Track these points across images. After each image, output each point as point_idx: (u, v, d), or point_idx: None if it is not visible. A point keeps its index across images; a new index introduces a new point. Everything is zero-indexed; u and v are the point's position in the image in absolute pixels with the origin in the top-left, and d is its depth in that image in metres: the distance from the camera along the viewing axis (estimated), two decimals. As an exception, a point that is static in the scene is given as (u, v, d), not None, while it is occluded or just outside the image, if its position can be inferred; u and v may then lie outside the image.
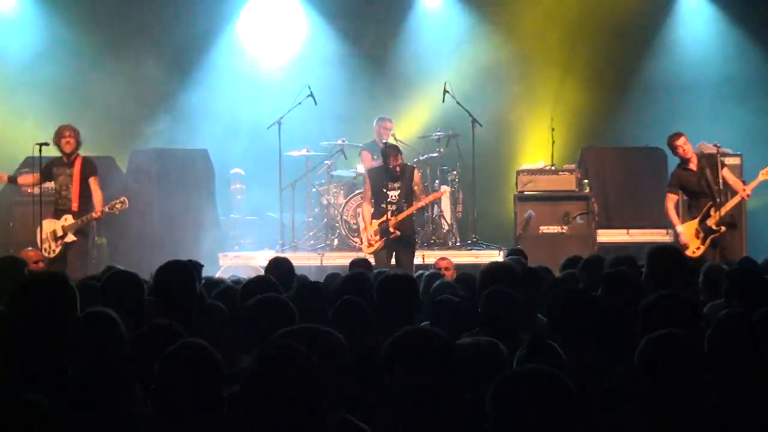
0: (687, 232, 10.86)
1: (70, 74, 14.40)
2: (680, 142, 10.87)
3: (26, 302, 3.78)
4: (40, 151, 10.13)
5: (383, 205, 10.76)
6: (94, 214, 10.38)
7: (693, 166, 10.87)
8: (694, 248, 10.74)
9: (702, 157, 10.91)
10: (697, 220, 10.81)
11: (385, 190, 10.74)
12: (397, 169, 10.61)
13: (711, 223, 10.71)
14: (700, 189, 10.81)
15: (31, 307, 3.73)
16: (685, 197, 11.12)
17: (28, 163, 10.94)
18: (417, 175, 11.07)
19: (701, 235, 10.76)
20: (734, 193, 10.93)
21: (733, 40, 14.81)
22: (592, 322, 4.40)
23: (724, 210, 10.65)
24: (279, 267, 6.80)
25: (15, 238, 11.70)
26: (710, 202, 10.72)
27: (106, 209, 10.37)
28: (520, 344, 4.48)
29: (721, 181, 10.69)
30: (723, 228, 10.67)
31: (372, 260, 10.34)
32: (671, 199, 11.03)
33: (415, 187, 10.91)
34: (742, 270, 5.65)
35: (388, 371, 3.20)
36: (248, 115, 14.21)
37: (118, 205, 10.41)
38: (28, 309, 3.75)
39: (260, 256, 12.79)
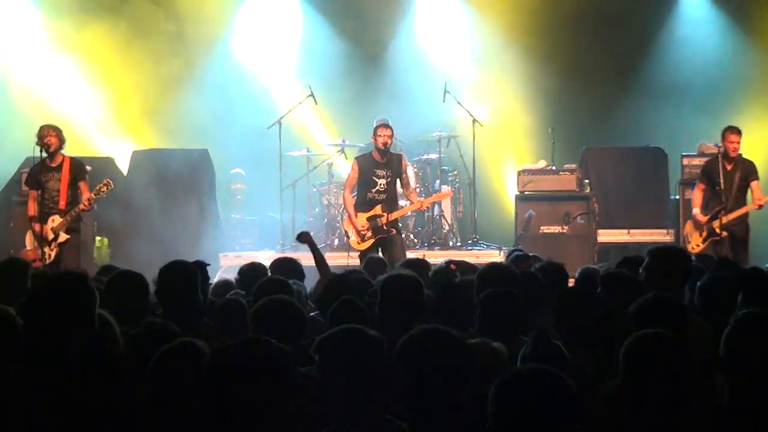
0: (694, 225, 10.86)
1: (71, 75, 14.40)
2: (733, 137, 10.75)
3: (46, 302, 3.75)
4: (41, 151, 10.07)
5: (370, 194, 10.34)
6: (81, 206, 10.04)
7: (728, 165, 10.75)
8: (695, 244, 10.76)
9: (742, 162, 10.81)
10: (706, 219, 10.79)
11: (374, 178, 10.30)
12: (388, 143, 10.20)
13: (716, 225, 10.68)
14: (719, 187, 10.70)
15: (51, 307, 3.71)
16: (708, 190, 10.96)
17: (29, 163, 10.92)
18: (405, 162, 10.76)
19: (704, 234, 10.75)
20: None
21: (733, 40, 14.80)
22: (595, 322, 4.40)
23: (730, 217, 10.60)
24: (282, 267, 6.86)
25: (15, 238, 11.69)
26: (721, 205, 10.67)
27: (92, 195, 10.03)
28: (519, 345, 4.49)
29: (736, 187, 10.59)
30: (724, 233, 10.62)
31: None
32: (698, 186, 11.05)
33: (403, 175, 10.51)
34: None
35: (399, 370, 3.20)
36: (249, 115, 14.21)
37: (104, 189, 10.07)
38: (47, 309, 3.72)
39: (261, 256, 12.79)
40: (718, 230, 10.66)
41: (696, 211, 10.94)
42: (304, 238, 8.13)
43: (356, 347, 3.37)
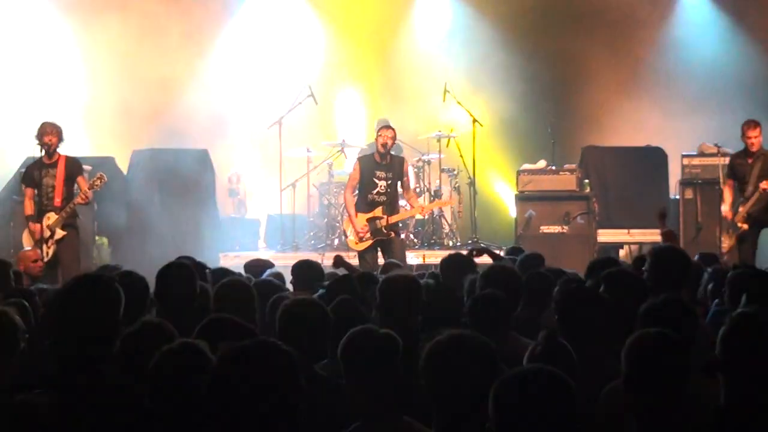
0: (727, 214, 10.75)
1: (71, 73, 14.41)
2: (750, 132, 10.57)
3: (71, 304, 3.79)
4: (41, 149, 10.05)
5: (371, 196, 10.30)
6: (77, 200, 9.94)
7: (750, 158, 10.59)
8: (725, 243, 10.72)
9: (764, 153, 10.58)
10: (731, 214, 10.67)
11: (374, 179, 10.27)
12: (388, 144, 10.18)
13: (737, 219, 10.58)
14: (743, 182, 10.60)
15: (76, 309, 3.75)
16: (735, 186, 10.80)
17: (29, 163, 10.93)
18: (407, 165, 10.77)
19: (730, 230, 10.68)
20: None
21: (733, 40, 14.82)
22: (597, 321, 4.40)
23: (747, 208, 10.48)
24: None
25: (15, 237, 11.68)
26: (741, 198, 10.59)
27: (86, 189, 9.96)
28: (512, 345, 4.49)
29: (756, 179, 10.40)
30: (745, 226, 10.50)
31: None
32: (727, 184, 10.86)
33: (404, 178, 10.48)
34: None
35: (426, 375, 3.20)
36: (249, 115, 14.22)
37: (98, 182, 10.00)
38: (72, 311, 3.76)
39: (260, 256, 12.79)
40: (739, 224, 10.58)
41: (724, 208, 10.77)
42: (338, 261, 8.15)
43: (378, 347, 3.52)
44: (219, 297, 5.18)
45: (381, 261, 9.78)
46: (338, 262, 8.12)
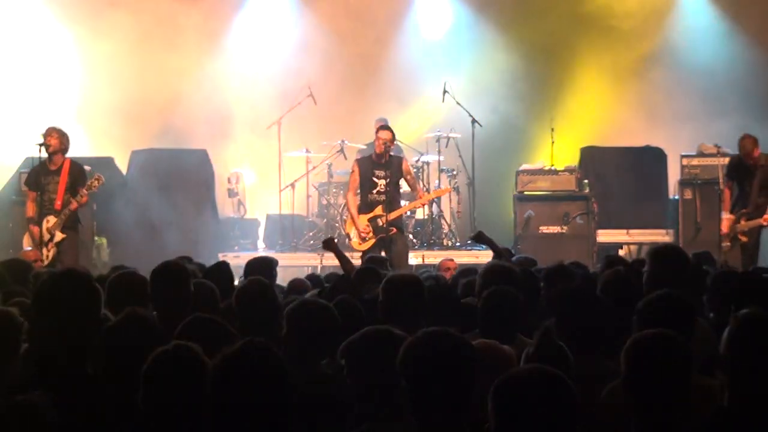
0: (726, 226, 10.88)
1: (71, 73, 14.40)
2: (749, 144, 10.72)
3: (50, 300, 3.80)
4: (40, 150, 10.07)
5: (371, 196, 10.35)
6: (73, 205, 10.03)
7: (752, 162, 10.69)
8: (725, 242, 10.83)
9: (763, 164, 10.68)
10: (728, 226, 10.84)
11: (373, 179, 10.31)
12: (386, 144, 10.18)
13: (738, 229, 10.71)
14: (742, 188, 10.76)
15: (55, 305, 3.75)
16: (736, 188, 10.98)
17: (28, 163, 10.93)
18: (406, 164, 10.77)
19: (731, 235, 10.80)
20: None
21: (733, 40, 14.81)
22: (595, 322, 4.40)
23: (746, 226, 10.66)
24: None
25: (14, 237, 11.69)
26: (744, 209, 10.71)
27: (84, 191, 10.05)
28: (518, 345, 4.49)
29: (756, 192, 10.58)
30: (745, 238, 10.66)
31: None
32: (727, 186, 11.01)
33: (408, 176, 10.54)
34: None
35: (404, 374, 3.20)
36: (248, 115, 14.21)
37: (95, 183, 10.11)
38: (51, 307, 3.77)
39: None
40: (740, 235, 10.73)
41: (724, 215, 10.91)
42: (329, 245, 8.06)
43: (384, 348, 3.50)
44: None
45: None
46: (328, 244, 7.99)
